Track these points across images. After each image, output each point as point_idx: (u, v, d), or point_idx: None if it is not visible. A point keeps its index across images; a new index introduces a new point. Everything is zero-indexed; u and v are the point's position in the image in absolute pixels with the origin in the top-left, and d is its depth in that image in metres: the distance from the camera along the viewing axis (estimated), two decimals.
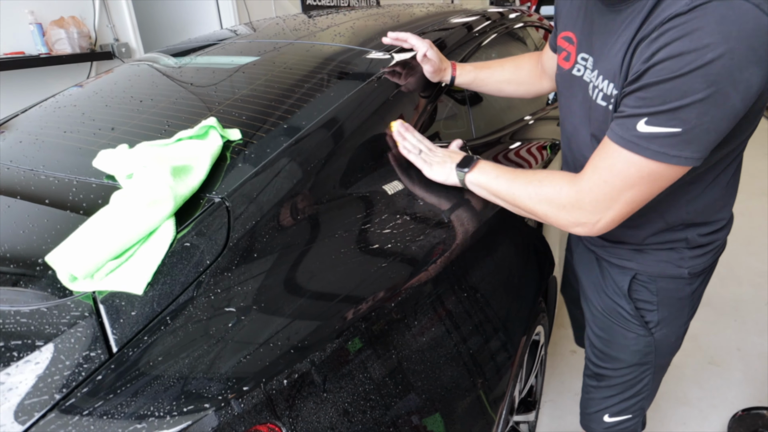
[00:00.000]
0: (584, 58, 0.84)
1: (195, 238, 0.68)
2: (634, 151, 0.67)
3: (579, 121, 0.88)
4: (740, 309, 2.43)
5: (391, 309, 0.72)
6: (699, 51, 0.59)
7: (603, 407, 1.08)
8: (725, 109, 0.62)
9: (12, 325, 0.59)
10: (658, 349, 0.99)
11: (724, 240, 0.95)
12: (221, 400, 0.53)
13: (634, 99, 0.66)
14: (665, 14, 0.63)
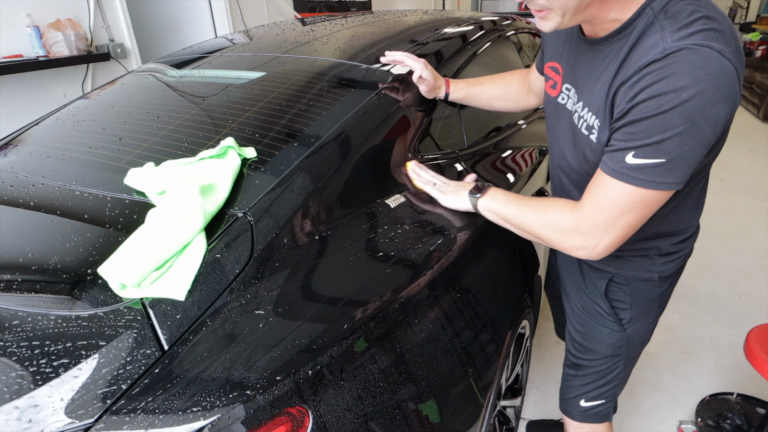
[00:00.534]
0: (568, 88, 0.94)
1: (224, 250, 0.79)
2: (626, 181, 0.76)
3: (564, 145, 0.98)
4: (715, 303, 2.58)
5: (395, 309, 0.83)
6: (675, 92, 0.69)
7: (580, 393, 1.20)
8: (700, 139, 0.72)
9: (74, 328, 0.69)
10: (630, 342, 1.11)
11: (691, 248, 1.07)
12: (259, 387, 0.64)
13: (622, 134, 0.76)
14: (643, 60, 0.72)
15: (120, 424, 0.59)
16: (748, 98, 6.92)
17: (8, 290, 0.76)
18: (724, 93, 0.69)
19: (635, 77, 0.73)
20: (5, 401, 0.61)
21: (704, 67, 0.68)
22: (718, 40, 0.68)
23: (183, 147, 1.02)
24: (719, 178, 4.34)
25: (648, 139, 0.72)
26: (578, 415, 1.22)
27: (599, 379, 1.16)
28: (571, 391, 1.22)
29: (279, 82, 1.24)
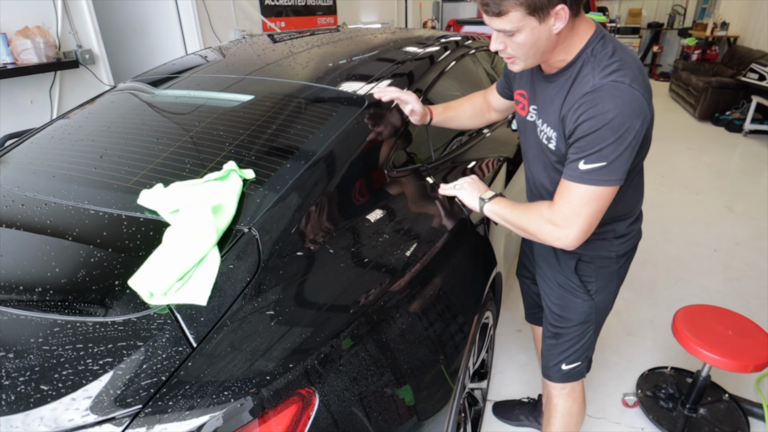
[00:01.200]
0: (534, 108, 1.20)
1: (236, 260, 0.93)
2: (581, 182, 1.02)
3: (534, 154, 1.25)
4: (654, 288, 2.88)
5: (381, 306, 1.00)
6: (603, 114, 0.97)
7: (561, 359, 1.42)
8: (626, 145, 0.98)
9: (111, 331, 0.81)
10: (597, 310, 1.36)
11: (639, 230, 1.35)
12: (275, 374, 0.79)
13: (574, 149, 1.03)
14: (580, 92, 1.01)
15: (164, 408, 0.73)
16: (686, 99, 7.43)
17: (48, 302, 0.87)
18: (636, 112, 0.97)
19: (576, 105, 1.01)
20: (62, 395, 0.73)
21: (620, 96, 0.96)
22: (627, 76, 0.98)
23: (186, 169, 1.15)
24: (660, 175, 4.71)
25: (591, 149, 0.99)
26: (560, 377, 1.45)
27: (576, 344, 1.40)
28: (553, 358, 1.44)
29: (269, 106, 1.37)
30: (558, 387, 1.48)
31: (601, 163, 0.99)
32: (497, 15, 0.96)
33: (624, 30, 10.56)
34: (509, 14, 0.95)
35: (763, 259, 3.19)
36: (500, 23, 0.98)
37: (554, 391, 1.49)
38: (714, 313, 1.87)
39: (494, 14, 0.97)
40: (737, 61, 7.02)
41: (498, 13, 0.96)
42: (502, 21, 0.97)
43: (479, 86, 2.17)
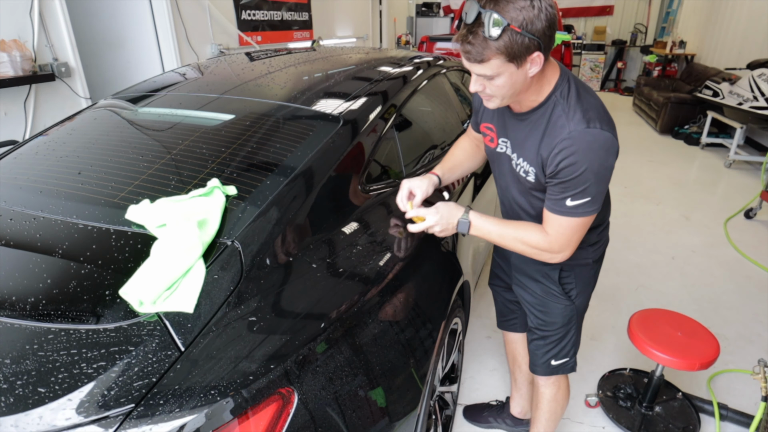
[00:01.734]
0: (504, 141, 1.32)
1: (220, 271, 1.00)
2: (571, 216, 1.17)
3: (508, 182, 1.37)
4: (616, 294, 3.03)
5: (354, 312, 1.09)
6: (583, 160, 1.09)
7: (549, 356, 1.55)
8: (605, 180, 1.14)
9: (104, 338, 0.88)
10: (578, 311, 1.51)
11: (608, 237, 1.50)
12: (258, 374, 0.86)
13: (559, 188, 1.16)
14: (557, 137, 1.13)
15: (156, 407, 0.80)
16: (648, 113, 7.79)
17: (43, 312, 0.93)
18: (610, 151, 1.12)
19: (556, 149, 1.13)
20: (59, 396, 0.79)
21: (595, 141, 1.10)
22: (595, 120, 1.11)
23: (171, 185, 1.22)
24: (624, 186, 4.94)
25: (576, 189, 1.13)
26: (549, 371, 1.58)
27: (561, 342, 1.53)
28: (542, 356, 1.56)
29: (249, 125, 1.45)
30: (544, 379, 1.62)
31: (586, 199, 1.14)
32: (479, 62, 1.05)
33: (590, 46, 10.99)
34: (490, 61, 1.03)
35: (716, 266, 3.40)
36: (481, 69, 1.06)
37: (541, 381, 1.63)
38: (665, 317, 2.01)
39: (476, 61, 1.05)
40: (694, 78, 7.41)
41: (480, 61, 1.04)
42: (482, 67, 1.06)
43: (450, 103, 2.29)
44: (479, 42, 1.02)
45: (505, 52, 1.02)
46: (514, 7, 0.99)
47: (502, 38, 1.00)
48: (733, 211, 4.30)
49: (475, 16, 1.01)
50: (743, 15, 6.76)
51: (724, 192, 4.89)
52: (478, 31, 1.01)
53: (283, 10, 5.77)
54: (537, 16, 0.99)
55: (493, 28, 0.98)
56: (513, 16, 0.98)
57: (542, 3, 1.00)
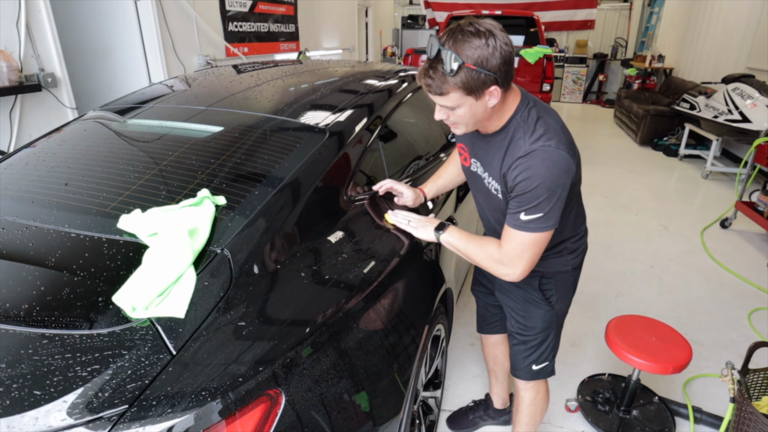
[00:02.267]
0: (475, 161, 1.42)
1: (210, 278, 1.04)
2: (524, 230, 1.22)
3: (483, 198, 1.47)
4: (596, 302, 3.11)
5: (340, 317, 1.13)
6: (537, 175, 1.16)
7: (530, 360, 1.61)
8: (558, 197, 1.19)
9: (98, 342, 0.91)
10: (558, 316, 1.58)
11: (586, 244, 1.58)
12: (247, 377, 0.90)
13: (515, 203, 1.22)
14: (515, 155, 1.20)
15: (148, 408, 0.83)
16: (628, 125, 7.99)
17: (37, 318, 0.96)
18: (563, 170, 1.18)
19: (513, 166, 1.21)
20: (55, 398, 0.82)
21: (549, 158, 1.17)
22: (553, 139, 1.18)
23: (162, 195, 1.26)
24: (604, 196, 5.07)
25: (530, 204, 1.19)
26: (530, 375, 1.63)
27: (541, 346, 1.59)
28: (523, 361, 1.62)
29: (238, 137, 1.50)
30: (522, 383, 1.68)
31: (539, 215, 1.19)
32: (439, 94, 1.14)
33: (572, 59, 11.25)
34: (450, 94, 1.13)
35: (693, 274, 3.51)
36: (442, 101, 1.16)
37: (521, 384, 1.69)
38: (641, 323, 2.09)
39: (436, 94, 1.14)
40: (673, 91, 7.63)
41: (440, 93, 1.13)
42: (444, 99, 1.15)
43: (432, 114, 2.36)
44: (439, 77, 1.11)
45: (462, 87, 1.11)
46: (470, 46, 1.08)
47: (459, 74, 1.09)
48: (709, 220, 4.43)
49: (435, 52, 1.10)
50: (718, 31, 7.01)
51: (701, 202, 5.04)
52: (437, 67, 1.10)
53: (269, 21, 5.83)
54: (492, 54, 1.08)
55: (450, 66, 1.08)
56: (468, 54, 1.08)
57: (497, 42, 1.09)
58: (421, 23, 11.61)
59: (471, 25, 1.09)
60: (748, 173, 4.27)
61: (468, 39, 1.08)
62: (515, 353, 1.65)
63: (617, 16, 11.71)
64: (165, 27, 4.25)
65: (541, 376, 1.65)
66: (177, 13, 4.39)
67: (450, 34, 1.10)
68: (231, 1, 5.05)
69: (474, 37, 1.08)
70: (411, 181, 1.85)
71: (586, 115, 10.09)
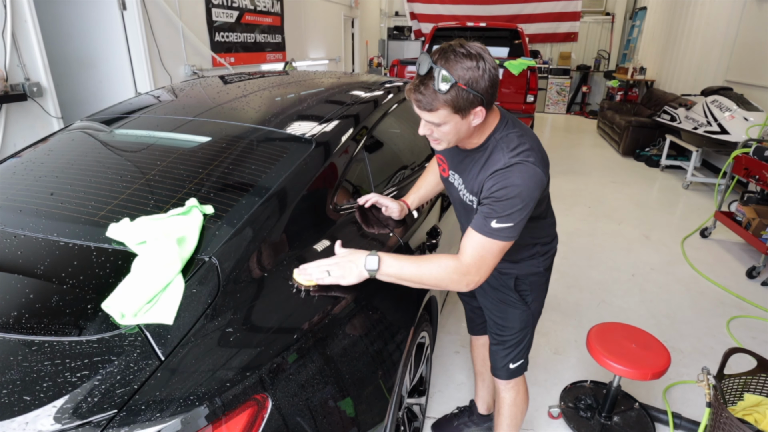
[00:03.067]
0: (453, 173, 1.47)
1: (198, 285, 1.06)
2: (491, 237, 1.24)
3: (459, 209, 1.54)
4: (579, 310, 3.17)
5: (325, 323, 1.16)
6: (514, 186, 1.21)
7: (508, 360, 1.66)
8: (528, 209, 1.23)
9: (87, 349, 0.92)
10: (533, 316, 1.65)
11: (556, 248, 1.65)
12: (234, 381, 0.92)
13: (488, 209, 1.24)
14: (494, 168, 1.24)
15: (136, 413, 0.85)
16: (611, 136, 8.15)
17: (27, 325, 0.97)
18: (538, 185, 1.23)
19: (490, 178, 1.25)
20: (44, 404, 0.84)
21: (525, 173, 1.22)
22: (530, 156, 1.23)
23: (150, 204, 1.28)
24: (587, 206, 5.16)
25: (503, 212, 1.22)
26: (508, 374, 1.69)
27: (518, 346, 1.65)
28: (501, 360, 1.68)
29: (226, 147, 1.52)
30: (503, 383, 1.73)
31: (510, 224, 1.22)
32: (428, 110, 1.17)
33: (556, 71, 11.47)
34: (438, 111, 1.16)
35: (673, 282, 3.58)
36: (430, 116, 1.19)
37: (501, 386, 1.74)
38: (621, 330, 2.14)
39: (425, 109, 1.18)
40: (654, 103, 7.82)
41: (429, 110, 1.17)
42: (431, 115, 1.18)
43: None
44: (429, 93, 1.14)
45: (451, 105, 1.15)
46: (462, 66, 1.12)
47: (450, 93, 1.13)
48: (690, 230, 4.54)
49: (427, 69, 1.14)
50: (698, 44, 7.22)
51: (682, 212, 5.16)
52: (429, 84, 1.14)
53: (256, 32, 5.88)
54: (481, 77, 1.13)
55: (442, 83, 1.11)
56: (460, 75, 1.12)
57: (487, 65, 1.13)
58: (407, 34, 11.75)
59: (462, 47, 1.13)
60: (727, 184, 4.39)
61: (460, 60, 1.12)
62: (494, 353, 1.70)
63: (600, 28, 11.98)
64: (151, 36, 4.27)
65: (518, 374, 1.71)
66: (163, 22, 4.42)
67: (442, 54, 1.14)
68: (217, 12, 5.09)
69: (466, 58, 1.12)
70: (397, 191, 1.89)
71: (569, 126, 10.27)
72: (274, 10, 6.27)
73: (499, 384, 1.74)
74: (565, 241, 4.17)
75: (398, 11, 13.23)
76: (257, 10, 5.85)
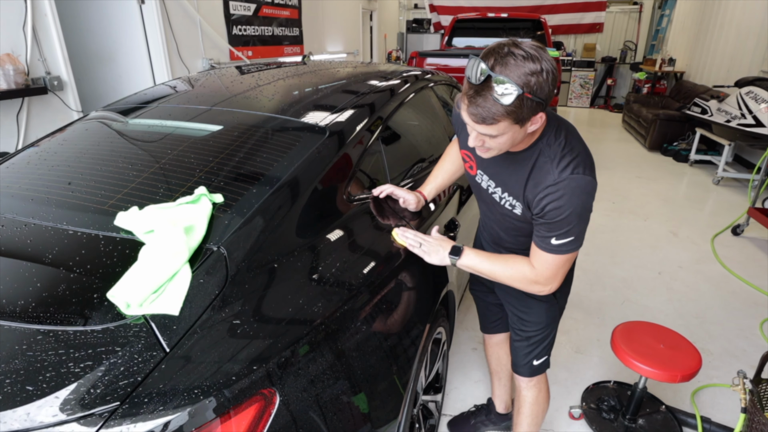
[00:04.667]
0: (482, 174, 1.39)
1: (206, 275, 1.03)
2: (557, 253, 1.24)
3: (487, 207, 1.47)
4: (602, 308, 3.07)
5: (337, 317, 1.11)
6: (568, 203, 1.16)
7: (532, 356, 1.61)
8: (586, 221, 1.21)
9: (91, 339, 0.90)
10: (560, 310, 1.60)
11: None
12: (241, 375, 0.89)
13: (545, 228, 1.22)
14: (543, 182, 1.18)
15: (139, 405, 0.82)
16: (637, 130, 7.92)
17: (33, 314, 0.95)
18: (591, 194, 1.18)
19: (541, 194, 1.19)
20: (46, 394, 0.81)
21: (577, 188, 1.16)
22: (580, 165, 1.16)
23: (159, 193, 1.25)
24: (611, 202, 5.01)
25: (561, 230, 1.20)
26: (531, 372, 1.64)
27: (542, 342, 1.60)
28: (525, 357, 1.63)
29: (237, 136, 1.49)
30: (526, 380, 1.67)
31: (570, 238, 1.21)
32: (486, 124, 1.05)
33: (580, 63, 11.20)
34: (498, 124, 1.04)
35: (703, 281, 3.45)
36: (487, 129, 1.07)
37: (523, 383, 1.69)
38: (648, 329, 2.05)
39: (482, 123, 1.05)
40: (683, 95, 7.56)
41: (488, 123, 1.05)
42: (489, 128, 1.06)
43: (436, 117, 2.34)
44: (489, 105, 1.02)
45: (514, 116, 1.03)
46: (524, 72, 0.98)
47: (513, 103, 1.00)
48: (720, 227, 4.37)
49: (483, 78, 1.00)
50: (731, 34, 6.94)
51: (712, 208, 4.97)
52: (487, 95, 1.01)
53: (273, 25, 5.86)
54: (545, 81, 1.01)
55: (506, 94, 0.98)
56: (524, 82, 0.99)
57: (549, 66, 1.00)
58: (426, 27, 11.62)
59: (519, 48, 1.00)
60: (762, 179, 4.20)
61: (521, 64, 0.98)
62: (517, 350, 1.64)
63: (626, 18, 11.65)
64: (169, 30, 4.28)
65: (541, 371, 1.65)
66: (181, 16, 4.42)
67: (498, 58, 1.00)
68: (235, 5, 5.08)
69: (527, 61, 0.99)
70: (413, 182, 1.83)
71: (593, 120, 10.03)
72: (291, 3, 6.25)
73: (521, 381, 1.69)
74: (588, 237, 4.00)
75: (417, 4, 13.10)
76: (275, 2, 5.83)
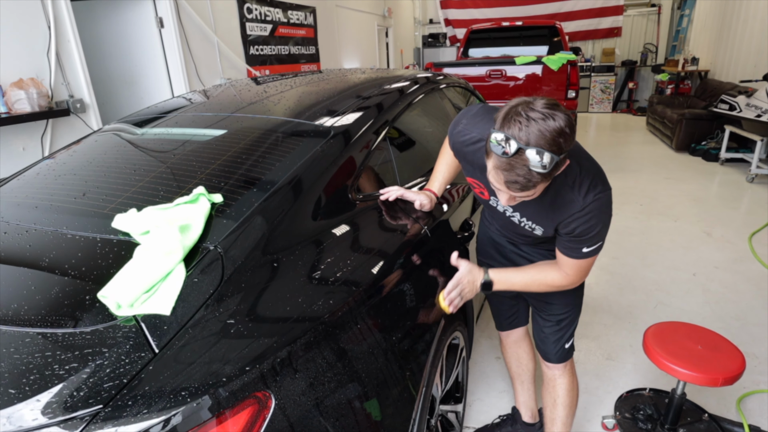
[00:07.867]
0: (495, 200, 1.38)
1: (200, 275, 0.99)
2: (587, 257, 1.31)
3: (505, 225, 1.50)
4: (634, 313, 2.91)
5: (336, 320, 1.06)
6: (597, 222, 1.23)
7: (564, 339, 1.64)
8: (609, 227, 1.28)
9: (79, 341, 0.86)
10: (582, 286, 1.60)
11: None
12: (232, 377, 0.83)
13: (575, 240, 1.27)
14: (569, 211, 1.23)
15: (123, 408, 0.77)
16: (663, 131, 7.69)
17: (22, 317, 0.92)
18: (611, 204, 1.26)
19: (568, 220, 1.24)
20: (28, 398, 0.78)
21: (602, 206, 1.23)
22: (598, 184, 1.22)
23: (159, 196, 1.23)
24: (639, 204, 4.83)
25: (591, 240, 1.27)
26: (564, 356, 1.66)
27: (573, 322, 1.64)
28: (559, 342, 1.64)
29: (238, 139, 1.47)
30: (560, 367, 1.68)
31: (599, 243, 1.29)
32: (526, 190, 1.05)
33: (599, 68, 11.00)
34: (537, 188, 1.05)
35: (742, 281, 3.25)
36: (526, 194, 1.07)
37: (558, 371, 1.69)
38: (683, 329, 1.91)
39: (521, 190, 1.05)
40: (709, 93, 7.32)
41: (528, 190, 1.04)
42: (528, 193, 1.07)
43: (445, 117, 2.29)
44: (526, 174, 1.01)
45: (549, 176, 1.03)
46: (552, 136, 0.97)
47: (550, 168, 0.99)
48: (757, 225, 4.15)
49: (515, 151, 0.98)
50: (756, 28, 6.71)
51: (748, 207, 4.74)
52: (524, 166, 1.00)
53: (290, 44, 5.95)
54: (570, 135, 0.99)
55: (544, 166, 0.98)
56: (556, 146, 0.98)
57: (567, 118, 0.99)
58: (442, 41, 11.66)
59: (535, 110, 0.98)
60: None
61: (544, 128, 0.97)
62: (547, 337, 1.64)
63: (645, 21, 11.43)
64: (188, 52, 4.38)
65: (571, 354, 1.68)
66: (199, 38, 4.53)
67: (522, 127, 0.98)
68: (251, 26, 5.18)
69: (548, 120, 0.97)
70: (424, 183, 1.77)
71: (616, 124, 9.80)
72: (307, 23, 6.34)
73: (555, 369, 1.68)
74: (615, 240, 3.90)
75: (432, 18, 13.16)
76: (290, 22, 5.93)
